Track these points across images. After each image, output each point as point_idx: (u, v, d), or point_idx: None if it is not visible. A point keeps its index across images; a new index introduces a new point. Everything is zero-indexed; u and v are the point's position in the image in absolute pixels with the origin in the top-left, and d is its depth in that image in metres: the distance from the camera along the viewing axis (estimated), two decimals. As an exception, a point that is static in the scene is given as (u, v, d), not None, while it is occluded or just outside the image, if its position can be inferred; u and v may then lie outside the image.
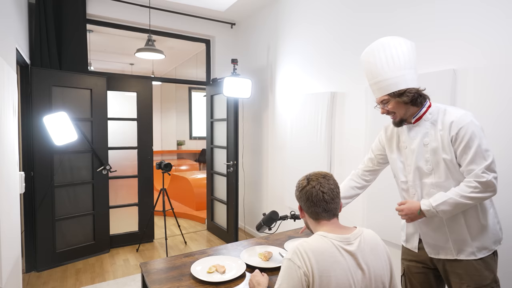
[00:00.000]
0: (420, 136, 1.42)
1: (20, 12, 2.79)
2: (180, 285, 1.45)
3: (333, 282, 1.02)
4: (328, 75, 2.94)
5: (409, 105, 1.38)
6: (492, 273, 1.38)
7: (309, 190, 1.18)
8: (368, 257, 1.10)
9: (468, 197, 1.28)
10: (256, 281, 1.37)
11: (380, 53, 1.39)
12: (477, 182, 1.27)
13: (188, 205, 5.50)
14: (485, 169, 1.26)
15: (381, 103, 1.44)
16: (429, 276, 1.54)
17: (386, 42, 1.39)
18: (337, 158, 2.85)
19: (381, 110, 1.46)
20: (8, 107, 1.87)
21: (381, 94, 1.41)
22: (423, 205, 1.36)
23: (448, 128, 1.33)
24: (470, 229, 1.37)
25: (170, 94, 9.00)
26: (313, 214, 1.19)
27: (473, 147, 1.27)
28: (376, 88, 1.43)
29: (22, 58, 2.78)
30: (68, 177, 3.36)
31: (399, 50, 1.37)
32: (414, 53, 1.40)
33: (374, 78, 1.41)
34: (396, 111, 1.41)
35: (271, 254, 1.74)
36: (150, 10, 3.82)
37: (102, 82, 3.54)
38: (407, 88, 1.35)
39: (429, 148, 1.39)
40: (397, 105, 1.39)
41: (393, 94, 1.37)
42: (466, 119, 1.30)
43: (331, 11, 2.89)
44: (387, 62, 1.37)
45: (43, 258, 3.19)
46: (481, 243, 1.36)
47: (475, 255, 1.36)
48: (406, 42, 1.40)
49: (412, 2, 2.19)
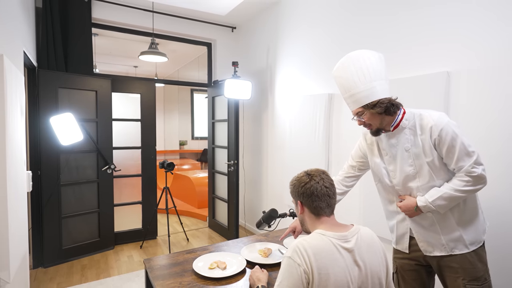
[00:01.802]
0: (401, 143, 1.43)
1: (28, 16, 2.79)
2: (183, 281, 1.45)
3: (331, 279, 1.02)
4: (326, 77, 2.94)
5: (383, 115, 1.39)
6: (485, 265, 1.40)
7: (313, 185, 1.17)
8: (365, 254, 1.10)
9: (462, 190, 1.30)
10: (256, 276, 1.37)
11: (351, 67, 1.39)
12: (469, 176, 1.29)
13: (190, 203, 5.50)
14: (474, 164, 1.29)
15: (357, 115, 1.45)
16: (421, 273, 1.54)
17: (355, 56, 1.40)
18: (335, 158, 2.85)
19: (358, 121, 1.47)
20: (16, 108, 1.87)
21: (355, 106, 1.42)
22: (419, 201, 1.37)
23: (429, 131, 1.34)
24: (460, 224, 1.39)
25: (172, 95, 9.00)
26: (316, 210, 1.17)
27: (457, 146, 1.29)
28: (351, 101, 1.43)
29: (29, 61, 2.78)
30: (74, 176, 3.36)
31: (367, 63, 1.37)
32: (383, 64, 1.41)
33: (347, 92, 1.42)
34: (372, 122, 1.42)
35: (271, 251, 1.74)
36: (153, 14, 3.82)
37: (107, 84, 3.54)
38: (379, 99, 1.36)
39: (412, 153, 1.40)
40: (372, 116, 1.40)
41: (366, 106, 1.38)
42: (443, 120, 1.32)
43: (329, 15, 2.89)
44: (357, 76, 1.37)
45: (49, 254, 3.19)
46: (473, 236, 1.38)
47: (468, 248, 1.37)
48: (374, 54, 1.40)
49: (407, 6, 2.19)
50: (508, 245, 1.71)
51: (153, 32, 3.88)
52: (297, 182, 1.22)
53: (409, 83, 2.12)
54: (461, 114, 1.89)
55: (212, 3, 3.64)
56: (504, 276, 1.72)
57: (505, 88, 1.70)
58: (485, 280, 1.38)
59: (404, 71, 2.21)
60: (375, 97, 1.36)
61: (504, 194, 1.72)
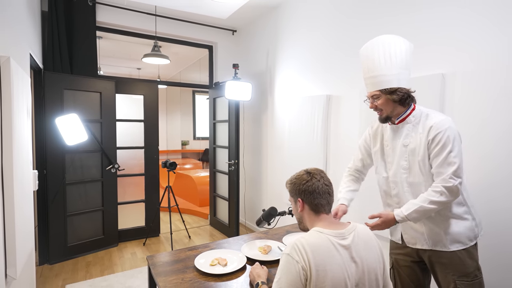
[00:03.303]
0: (402, 137, 1.42)
1: (34, 20, 2.79)
2: (185, 277, 1.45)
3: (329, 276, 1.02)
4: (324, 79, 2.94)
5: (397, 104, 1.38)
6: (475, 262, 1.38)
7: (315, 183, 1.17)
8: (362, 251, 1.10)
9: (434, 201, 1.29)
10: (256, 273, 1.37)
11: (379, 49, 1.36)
12: (443, 187, 1.28)
13: (192, 201, 5.50)
14: (452, 175, 1.27)
15: (372, 97, 1.43)
16: (416, 269, 1.54)
17: (387, 40, 1.36)
18: (333, 157, 2.85)
19: (370, 104, 1.45)
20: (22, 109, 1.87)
21: (373, 89, 1.40)
22: (397, 216, 1.36)
23: (427, 131, 1.33)
24: (442, 225, 1.38)
25: (175, 97, 9.00)
26: (316, 207, 1.17)
27: (444, 152, 1.28)
28: (370, 82, 1.41)
29: (35, 63, 2.77)
30: (79, 175, 3.36)
31: (397, 49, 1.35)
32: (411, 55, 1.39)
33: (370, 73, 1.39)
34: (384, 108, 1.40)
35: (270, 248, 1.74)
36: (156, 17, 3.82)
37: (111, 85, 3.54)
38: (399, 87, 1.34)
39: (409, 149, 1.40)
40: (386, 102, 1.38)
41: (384, 90, 1.36)
42: (445, 124, 1.30)
43: (327, 19, 2.89)
44: (384, 59, 1.35)
45: (55, 251, 3.19)
46: (454, 238, 1.37)
47: (448, 248, 1.37)
48: (405, 43, 1.37)
49: (403, 11, 2.19)
50: (501, 243, 1.71)
51: (156, 35, 3.88)
52: (298, 180, 1.22)
53: (405, 84, 2.12)
54: (455, 114, 1.89)
55: (213, 7, 3.64)
56: (498, 274, 1.72)
57: (495, 89, 1.70)
58: (476, 276, 1.37)
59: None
60: (396, 84, 1.34)
61: (495, 192, 1.72)
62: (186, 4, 3.53)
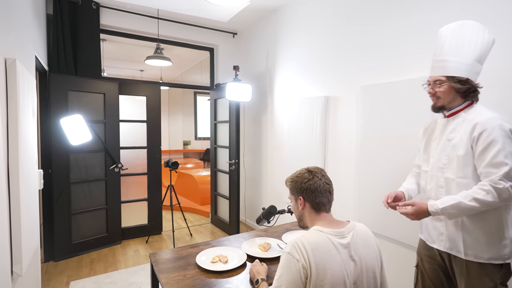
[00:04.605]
0: (448, 131, 1.31)
1: (39, 23, 2.79)
2: (186, 274, 1.45)
3: (328, 274, 1.02)
4: (322, 80, 2.94)
5: (458, 95, 1.25)
6: (493, 282, 1.22)
7: (316, 181, 1.16)
8: (361, 250, 1.10)
9: (477, 199, 1.15)
10: (256, 270, 1.37)
11: (461, 33, 1.22)
12: (492, 187, 1.14)
13: (193, 200, 5.50)
14: (503, 176, 1.13)
15: (434, 82, 1.28)
16: (440, 274, 1.42)
17: (474, 27, 1.22)
18: (331, 157, 2.85)
19: (429, 89, 1.31)
20: (28, 110, 1.87)
21: (440, 73, 1.26)
22: (431, 206, 1.24)
23: (472, 128, 1.21)
24: (465, 229, 1.25)
25: (177, 98, 8.99)
26: (317, 205, 1.16)
27: (492, 151, 1.14)
28: (439, 65, 1.26)
29: (40, 65, 2.77)
30: (83, 174, 3.36)
31: (481, 39, 1.21)
32: (489, 50, 1.26)
33: (443, 55, 1.25)
34: (443, 96, 1.27)
35: (270, 245, 1.74)
36: (158, 20, 3.82)
37: (114, 87, 3.54)
38: (468, 79, 1.21)
39: (451, 144, 1.28)
40: (449, 90, 1.24)
41: (452, 78, 1.22)
42: (493, 122, 1.17)
43: (325, 23, 2.89)
44: (464, 45, 1.21)
45: (60, 249, 3.19)
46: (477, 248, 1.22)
47: (464, 256, 1.25)
48: (490, 36, 1.24)
49: (398, 15, 2.19)
50: None
51: (158, 37, 3.88)
52: (299, 178, 1.20)
53: (402, 86, 2.13)
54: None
55: (214, 10, 3.64)
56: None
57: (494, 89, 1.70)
58: None
59: (397, 74, 2.21)
60: (466, 75, 1.21)
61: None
62: (188, 7, 3.53)
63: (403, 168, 2.09)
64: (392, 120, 2.19)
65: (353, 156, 2.59)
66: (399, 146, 2.14)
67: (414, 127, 2.03)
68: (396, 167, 2.16)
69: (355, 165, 2.56)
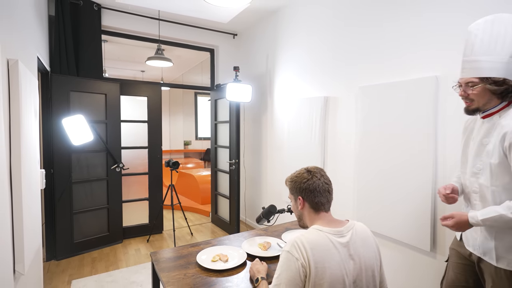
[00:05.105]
0: (482, 134, 1.21)
1: (41, 24, 2.79)
2: (187, 273, 1.45)
3: (327, 272, 1.02)
4: (322, 81, 2.94)
5: (494, 97, 1.13)
6: None
7: (315, 181, 1.16)
8: (360, 249, 1.10)
9: None
10: (256, 269, 1.37)
11: (493, 28, 1.10)
12: None
13: (194, 199, 5.50)
14: None
15: (466, 84, 1.17)
16: (466, 271, 1.36)
17: (505, 18, 1.10)
18: (330, 157, 2.85)
19: (460, 92, 1.21)
20: (30, 110, 1.88)
21: (472, 74, 1.14)
22: (471, 218, 1.16)
23: (502, 136, 1.12)
24: (498, 237, 1.19)
25: (177, 98, 9.00)
26: (317, 205, 1.16)
27: None
28: (470, 67, 1.14)
29: (42, 66, 2.78)
30: (85, 174, 3.36)
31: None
32: None
33: (473, 56, 1.14)
34: (477, 99, 1.16)
35: (270, 244, 1.74)
36: (159, 22, 3.82)
37: (115, 87, 3.54)
38: (506, 79, 1.09)
39: (486, 150, 1.19)
40: (483, 92, 1.13)
41: (486, 79, 1.11)
42: None
43: (325, 24, 2.89)
44: (496, 41, 1.09)
45: (62, 248, 3.19)
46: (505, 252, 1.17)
47: (496, 263, 1.19)
48: None
49: (397, 17, 2.19)
50: None
51: (159, 38, 3.88)
52: (298, 178, 1.21)
53: (400, 86, 2.13)
54: (448, 114, 1.88)
55: (215, 12, 3.64)
56: None
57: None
58: None
59: (395, 75, 2.21)
60: (503, 74, 1.09)
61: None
62: (188, 8, 3.54)
63: (402, 167, 2.10)
64: (390, 119, 2.19)
65: (352, 156, 2.59)
66: (397, 145, 2.14)
67: (413, 127, 2.04)
68: (395, 167, 2.16)
69: (354, 164, 2.56)
